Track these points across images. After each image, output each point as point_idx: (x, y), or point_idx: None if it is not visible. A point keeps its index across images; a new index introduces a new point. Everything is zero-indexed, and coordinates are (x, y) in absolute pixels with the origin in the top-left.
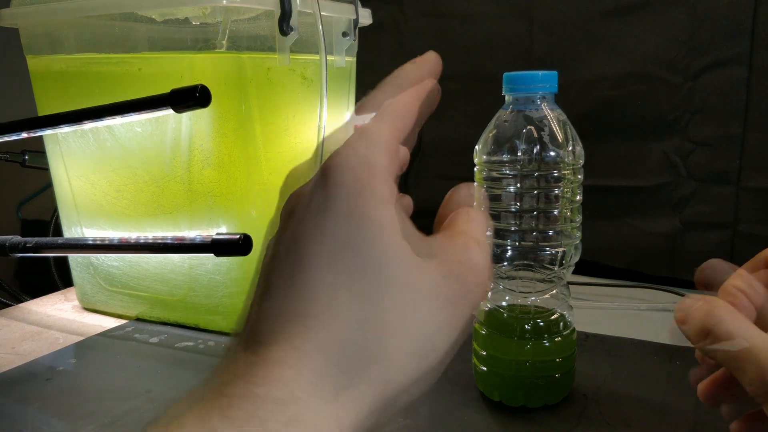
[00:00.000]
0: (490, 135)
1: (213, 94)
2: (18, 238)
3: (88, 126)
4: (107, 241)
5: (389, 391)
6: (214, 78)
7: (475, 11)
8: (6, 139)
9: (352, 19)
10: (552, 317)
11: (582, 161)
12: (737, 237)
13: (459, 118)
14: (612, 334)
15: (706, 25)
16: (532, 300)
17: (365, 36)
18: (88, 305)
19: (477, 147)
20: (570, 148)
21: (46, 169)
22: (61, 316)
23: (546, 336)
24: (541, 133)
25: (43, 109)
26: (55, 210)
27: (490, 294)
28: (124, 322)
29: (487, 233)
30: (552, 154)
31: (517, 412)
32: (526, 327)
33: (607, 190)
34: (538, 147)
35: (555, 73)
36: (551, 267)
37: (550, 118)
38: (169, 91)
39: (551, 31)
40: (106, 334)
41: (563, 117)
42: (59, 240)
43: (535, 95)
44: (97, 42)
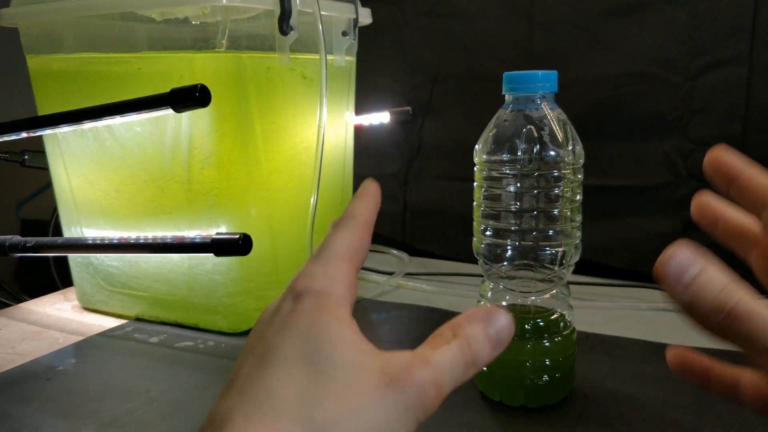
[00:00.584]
0: (490, 134)
1: (213, 94)
2: (18, 238)
3: (88, 126)
4: (107, 241)
5: None
6: (214, 77)
7: (475, 11)
8: (6, 138)
9: (352, 19)
10: (552, 317)
11: (582, 161)
12: None
13: (459, 118)
14: (612, 334)
15: (706, 25)
16: (532, 300)
17: (365, 36)
18: (88, 305)
19: (477, 146)
20: (570, 148)
21: (46, 169)
22: (60, 316)
23: (546, 336)
24: (541, 132)
25: (43, 109)
26: (55, 210)
27: (490, 294)
28: (124, 321)
29: (448, 363)
30: (552, 153)
31: (517, 412)
32: (526, 327)
33: (607, 190)
34: (538, 146)
35: (555, 72)
36: (551, 267)
37: (550, 117)
38: (168, 90)
39: (551, 30)
40: (106, 334)
41: (563, 116)
42: (59, 240)
43: (535, 95)
44: (97, 42)
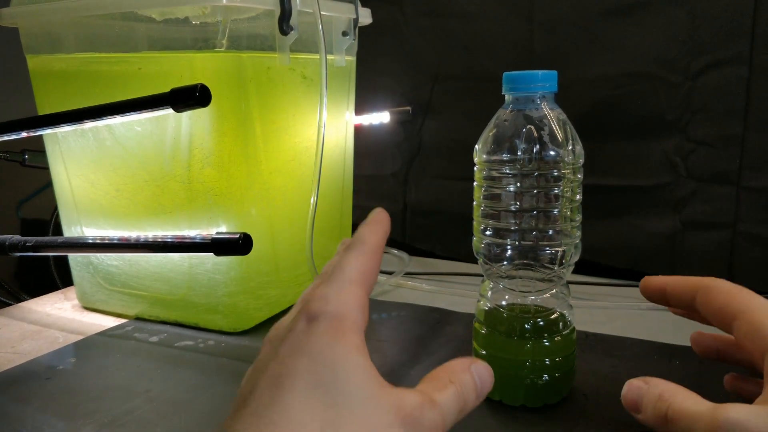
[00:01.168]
0: (490, 134)
1: (213, 94)
2: (18, 238)
3: (88, 125)
4: (107, 241)
5: None
6: (214, 77)
7: (475, 11)
8: (6, 138)
9: (352, 19)
10: (552, 317)
11: (582, 160)
12: (737, 237)
13: (459, 118)
14: (612, 334)
15: (706, 25)
16: (532, 299)
17: (365, 35)
18: (88, 304)
19: (477, 146)
20: (570, 148)
21: (46, 169)
22: (60, 315)
23: (546, 335)
24: (541, 132)
25: (43, 109)
26: (55, 209)
27: (490, 293)
28: (124, 321)
29: (450, 406)
30: (552, 153)
31: (517, 412)
32: (526, 326)
33: (607, 190)
34: (538, 146)
35: (555, 72)
36: (551, 266)
37: (550, 117)
38: (168, 90)
39: (551, 30)
40: (106, 334)
41: (563, 116)
42: (59, 239)
43: (534, 95)
44: (97, 41)
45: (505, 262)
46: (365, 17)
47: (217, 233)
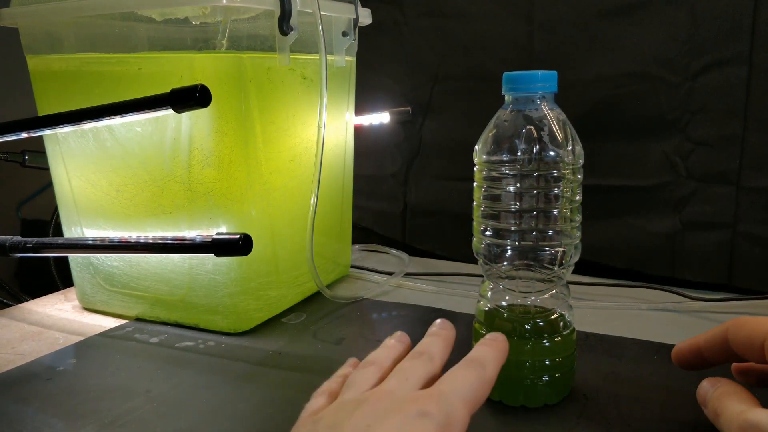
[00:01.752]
0: (490, 135)
1: (213, 94)
2: (18, 238)
3: (88, 126)
4: (107, 241)
5: None
6: (214, 78)
7: (475, 11)
8: (6, 139)
9: (352, 19)
10: (552, 317)
11: (582, 161)
12: (737, 237)
13: (459, 118)
14: (612, 334)
15: (706, 25)
16: (532, 300)
17: (365, 36)
18: (88, 305)
19: (477, 147)
20: (570, 148)
21: (46, 169)
22: (61, 316)
23: (546, 336)
24: (541, 132)
25: (43, 109)
26: (55, 210)
27: (490, 294)
28: (124, 322)
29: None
30: (552, 153)
31: (517, 412)
32: (526, 327)
33: (607, 190)
34: (538, 147)
35: (555, 72)
36: (551, 267)
37: (550, 117)
38: (168, 90)
39: (551, 30)
40: (106, 334)
41: (563, 117)
42: (59, 240)
43: (534, 95)
44: (97, 42)
45: (505, 263)
46: (365, 17)
47: (218, 234)
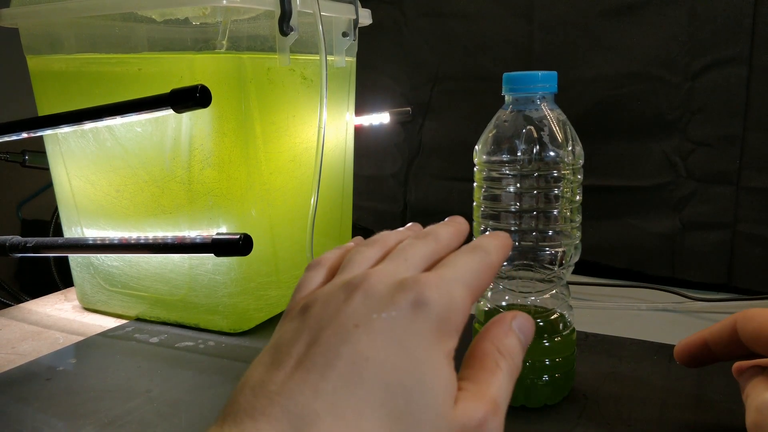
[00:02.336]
0: (490, 135)
1: (213, 94)
2: (18, 238)
3: (88, 126)
4: (107, 241)
5: None
6: (214, 78)
7: (475, 11)
8: (6, 139)
9: (352, 19)
10: (552, 317)
11: (582, 161)
12: (737, 237)
13: (459, 118)
14: (612, 334)
15: (706, 25)
16: (532, 300)
17: (365, 36)
18: (88, 305)
19: (477, 147)
20: (570, 148)
21: (46, 169)
22: (61, 316)
23: (546, 336)
24: (541, 133)
25: (43, 109)
26: (55, 210)
27: (489, 294)
28: (124, 322)
29: (506, 396)
30: (552, 154)
31: (517, 412)
32: None
33: (607, 190)
34: (538, 147)
35: (555, 73)
36: (551, 267)
37: (550, 118)
38: (169, 91)
39: (551, 30)
40: (106, 334)
41: (563, 117)
42: (59, 240)
43: (534, 95)
44: (97, 42)
45: (505, 263)
46: (365, 18)
47: (218, 234)
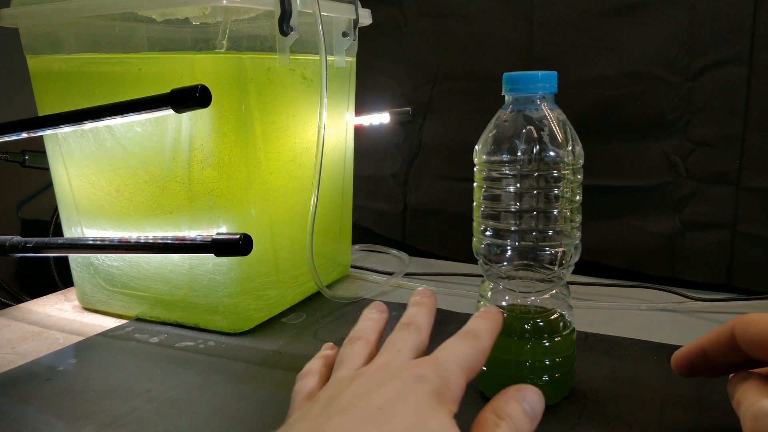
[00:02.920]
0: (490, 135)
1: (213, 94)
2: (18, 238)
3: (88, 126)
4: (107, 241)
5: None
6: (214, 78)
7: (475, 11)
8: (6, 139)
9: (352, 19)
10: (552, 317)
11: (582, 161)
12: (737, 237)
13: (459, 118)
14: (612, 334)
15: (706, 25)
16: (532, 300)
17: (365, 36)
18: (88, 305)
19: (477, 147)
20: (570, 148)
21: (46, 169)
22: (61, 316)
23: (546, 336)
24: (541, 133)
25: (43, 109)
26: (55, 210)
27: (489, 294)
28: (124, 322)
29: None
30: (552, 154)
31: None
32: (526, 327)
33: (607, 190)
34: (538, 147)
35: (555, 73)
36: (551, 267)
37: (550, 118)
38: (169, 91)
39: (551, 30)
40: (106, 334)
41: (563, 117)
42: (59, 240)
43: (534, 95)
44: (97, 42)
45: (505, 263)
46: (365, 18)
47: (218, 234)
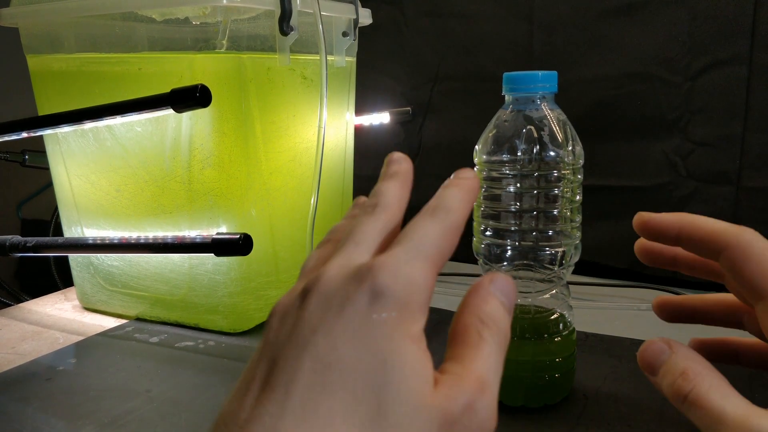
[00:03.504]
0: (490, 135)
1: (213, 94)
2: (18, 238)
3: (88, 126)
4: (107, 241)
5: None
6: (214, 78)
7: (475, 11)
8: (6, 138)
9: (352, 19)
10: (552, 317)
11: (582, 161)
12: None
13: (459, 118)
14: (612, 334)
15: (706, 25)
16: (532, 300)
17: (365, 36)
18: (88, 305)
19: (477, 147)
20: (570, 148)
21: (46, 169)
22: (61, 316)
23: (546, 336)
24: (541, 133)
25: (43, 109)
26: (55, 210)
27: None
28: (124, 321)
29: (496, 370)
30: (552, 154)
31: (517, 412)
32: (526, 327)
33: (607, 190)
34: (538, 147)
35: (555, 73)
36: (551, 267)
37: (550, 118)
38: (169, 90)
39: (551, 30)
40: (106, 334)
41: (563, 117)
42: (59, 240)
43: (535, 95)
44: (97, 42)
45: (505, 263)
46: (365, 18)
47: (218, 234)
